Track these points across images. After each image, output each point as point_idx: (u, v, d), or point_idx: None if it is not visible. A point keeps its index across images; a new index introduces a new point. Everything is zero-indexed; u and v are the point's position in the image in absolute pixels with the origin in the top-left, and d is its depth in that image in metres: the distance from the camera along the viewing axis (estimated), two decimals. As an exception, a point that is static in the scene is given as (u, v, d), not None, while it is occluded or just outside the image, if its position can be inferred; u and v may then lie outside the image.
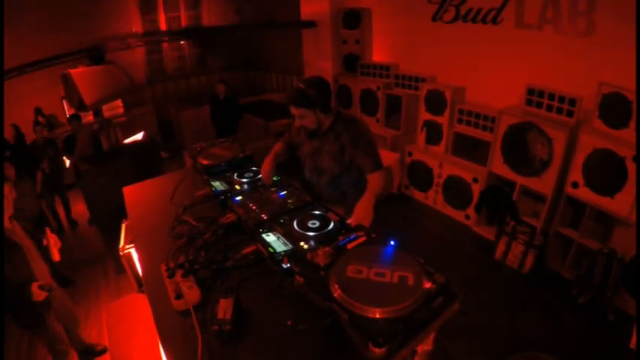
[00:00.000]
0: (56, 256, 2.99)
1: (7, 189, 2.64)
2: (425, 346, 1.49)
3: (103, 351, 3.32)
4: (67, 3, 6.83)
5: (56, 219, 5.43)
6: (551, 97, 3.64)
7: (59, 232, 5.14)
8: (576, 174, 3.44)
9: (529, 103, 3.81)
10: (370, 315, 1.20)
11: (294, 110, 2.31)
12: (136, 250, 2.22)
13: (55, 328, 2.86)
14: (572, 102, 3.51)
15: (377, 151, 2.37)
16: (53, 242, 2.99)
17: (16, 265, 2.54)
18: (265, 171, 2.39)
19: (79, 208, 5.84)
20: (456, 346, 2.99)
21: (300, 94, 2.27)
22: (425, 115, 4.94)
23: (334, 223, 1.80)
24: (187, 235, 1.87)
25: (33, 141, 5.16)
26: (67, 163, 5.56)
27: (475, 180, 4.42)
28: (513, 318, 3.35)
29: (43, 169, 5.05)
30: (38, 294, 2.52)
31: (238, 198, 2.16)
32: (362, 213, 2.00)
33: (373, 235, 1.60)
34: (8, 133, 5.28)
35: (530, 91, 3.78)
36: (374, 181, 2.26)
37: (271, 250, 1.63)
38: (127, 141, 5.78)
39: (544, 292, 3.62)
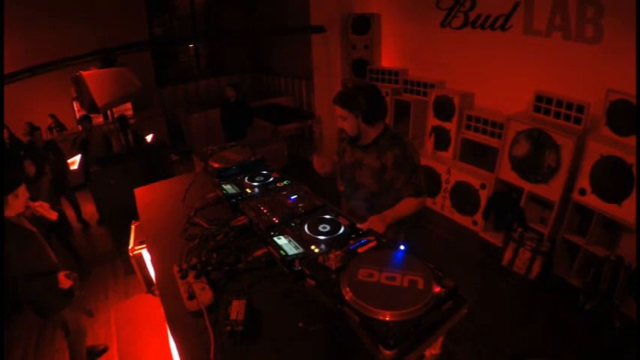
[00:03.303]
0: (53, 215, 2.92)
1: (21, 190, 2.65)
2: (433, 350, 1.51)
3: (104, 350, 3.41)
4: (78, 5, 6.95)
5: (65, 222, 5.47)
6: (560, 103, 3.65)
7: (69, 233, 5.17)
8: (584, 181, 3.45)
9: (537, 109, 3.82)
10: (381, 318, 1.21)
11: (337, 110, 2.27)
12: (148, 251, 2.25)
13: (76, 313, 2.98)
14: (580, 109, 3.51)
15: (420, 177, 2.24)
16: (39, 206, 2.84)
17: (36, 250, 2.62)
18: (319, 161, 2.55)
19: (89, 209, 5.90)
20: (463, 351, 3.00)
21: (346, 93, 2.22)
22: (433, 121, 4.96)
23: (344, 227, 1.82)
24: (200, 237, 1.90)
25: (33, 144, 5.17)
26: (77, 163, 5.60)
27: (483, 186, 4.43)
28: (520, 324, 3.35)
29: (45, 173, 5.09)
30: (65, 282, 2.62)
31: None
32: (376, 221, 1.99)
33: (384, 240, 1.62)
34: (21, 132, 5.33)
35: (539, 98, 3.79)
36: (405, 205, 2.21)
37: (282, 253, 1.65)
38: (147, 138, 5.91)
39: (551, 299, 3.62)
